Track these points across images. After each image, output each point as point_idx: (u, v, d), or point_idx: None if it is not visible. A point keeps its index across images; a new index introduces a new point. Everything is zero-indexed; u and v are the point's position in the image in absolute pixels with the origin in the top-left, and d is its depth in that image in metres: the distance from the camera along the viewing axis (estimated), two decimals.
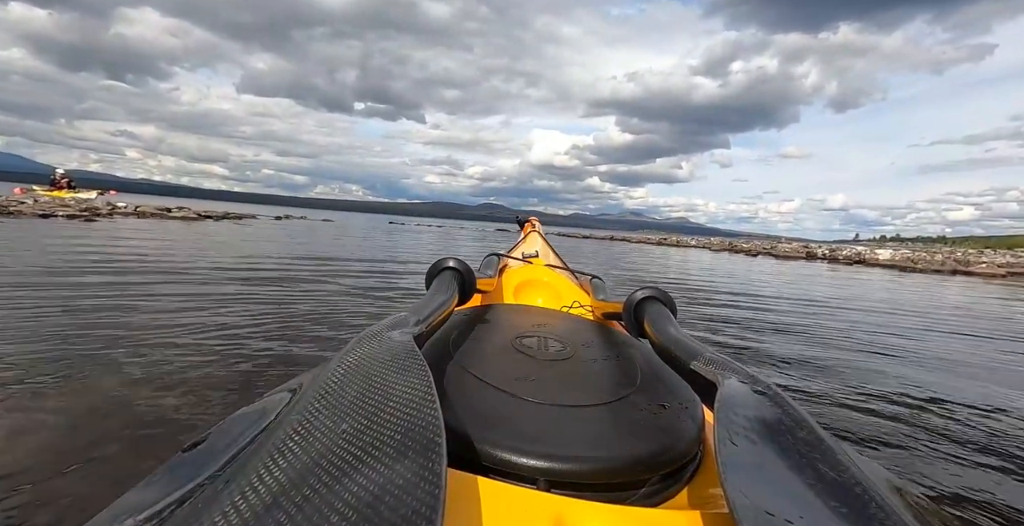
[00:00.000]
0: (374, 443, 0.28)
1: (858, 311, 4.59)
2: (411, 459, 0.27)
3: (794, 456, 0.33)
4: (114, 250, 4.79)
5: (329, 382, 0.37)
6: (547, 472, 0.41)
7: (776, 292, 5.88)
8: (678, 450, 0.47)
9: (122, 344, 1.83)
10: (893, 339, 3.25)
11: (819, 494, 0.29)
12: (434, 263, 0.83)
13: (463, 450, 0.41)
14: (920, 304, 5.58)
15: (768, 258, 16.39)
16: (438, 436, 0.29)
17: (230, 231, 9.00)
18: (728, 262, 12.25)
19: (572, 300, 1.04)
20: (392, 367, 0.40)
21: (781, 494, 0.29)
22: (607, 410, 0.52)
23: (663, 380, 0.62)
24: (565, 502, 0.34)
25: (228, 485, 0.25)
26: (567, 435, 0.46)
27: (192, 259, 4.53)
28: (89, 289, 2.85)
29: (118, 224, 8.10)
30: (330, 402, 0.34)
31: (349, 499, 0.23)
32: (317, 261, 5.34)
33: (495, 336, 0.72)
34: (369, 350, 0.44)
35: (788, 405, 0.40)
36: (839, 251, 19.41)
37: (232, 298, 2.91)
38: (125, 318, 2.23)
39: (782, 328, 3.39)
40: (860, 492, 0.30)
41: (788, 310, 4.30)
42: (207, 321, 2.28)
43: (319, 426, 0.30)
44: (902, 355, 2.76)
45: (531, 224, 2.19)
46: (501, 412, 0.48)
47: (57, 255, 4.06)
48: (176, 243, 6.07)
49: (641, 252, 14.96)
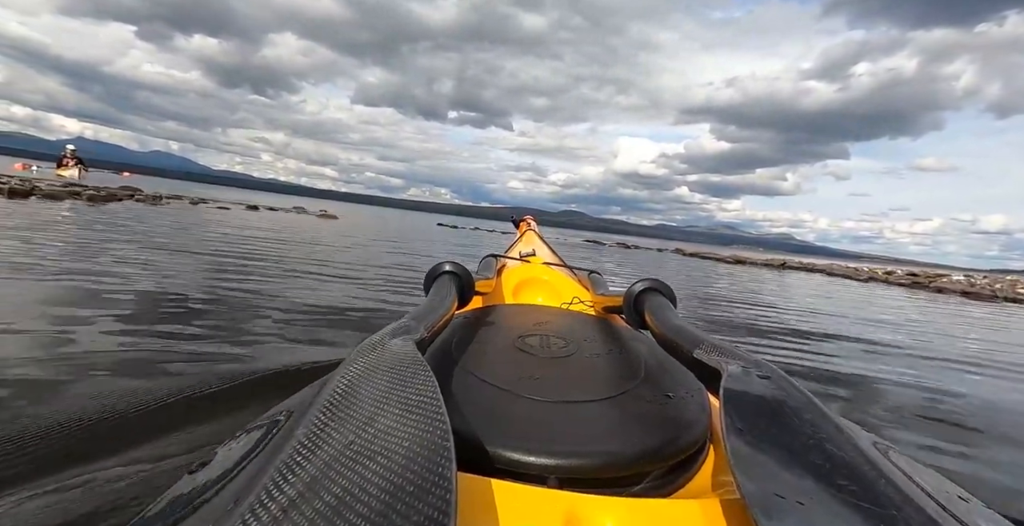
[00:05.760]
0: (383, 452, 0.29)
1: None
2: (421, 465, 0.27)
3: (802, 438, 0.33)
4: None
5: (334, 394, 0.37)
6: (557, 470, 0.41)
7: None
8: (686, 439, 0.47)
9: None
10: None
11: (828, 474, 0.30)
12: (432, 268, 0.82)
13: (472, 453, 0.41)
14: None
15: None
16: (446, 441, 0.29)
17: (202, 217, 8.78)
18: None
19: (572, 296, 1.04)
20: (396, 375, 0.40)
21: (791, 476, 0.29)
22: (613, 404, 0.53)
23: (667, 370, 0.62)
24: (577, 498, 0.34)
25: (238, 504, 0.25)
26: (575, 432, 0.46)
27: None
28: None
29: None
30: (336, 414, 0.34)
31: (361, 509, 0.23)
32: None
33: (497, 337, 0.72)
34: (372, 359, 0.44)
35: (793, 387, 0.41)
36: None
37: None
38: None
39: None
40: (869, 469, 0.30)
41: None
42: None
43: (327, 438, 0.31)
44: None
45: (527, 223, 2.18)
46: (508, 413, 0.49)
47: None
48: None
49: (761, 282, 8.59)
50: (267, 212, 12.05)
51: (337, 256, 4.74)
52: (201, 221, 6.85)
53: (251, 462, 0.35)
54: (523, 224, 2.21)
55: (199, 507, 0.31)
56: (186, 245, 4.03)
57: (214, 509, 0.29)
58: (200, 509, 0.31)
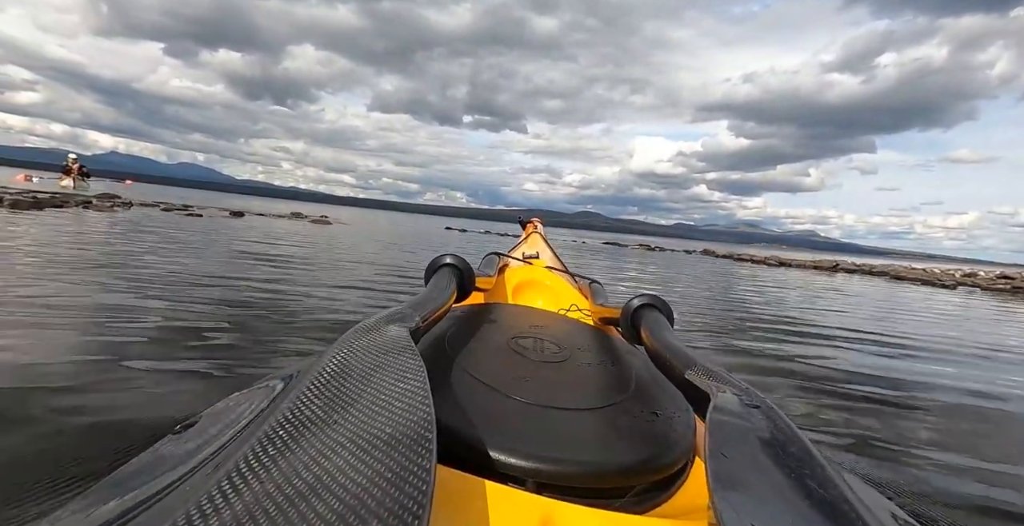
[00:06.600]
0: (364, 435, 0.28)
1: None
2: (401, 453, 0.27)
3: (784, 471, 0.33)
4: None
5: (322, 372, 0.36)
6: (536, 473, 0.41)
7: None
8: (668, 458, 0.47)
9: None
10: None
11: (806, 511, 0.29)
12: (434, 259, 0.81)
13: (454, 447, 0.41)
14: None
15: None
16: (429, 431, 0.29)
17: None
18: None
19: (570, 303, 1.04)
20: (387, 360, 0.39)
21: (768, 509, 0.29)
22: (600, 415, 0.53)
23: (657, 387, 0.62)
24: (552, 504, 0.35)
25: (216, 471, 0.25)
26: (558, 437, 0.46)
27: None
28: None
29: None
30: (322, 392, 0.33)
31: (337, 490, 0.23)
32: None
33: (492, 335, 0.72)
34: (364, 342, 0.43)
35: (781, 420, 0.40)
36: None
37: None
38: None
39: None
40: (847, 510, 0.29)
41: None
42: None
43: (310, 416, 0.30)
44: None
45: (533, 225, 2.14)
46: (494, 411, 0.48)
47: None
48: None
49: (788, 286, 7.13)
50: (255, 218, 10.98)
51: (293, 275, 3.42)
52: (134, 230, 5.67)
53: (234, 431, 0.35)
54: (529, 226, 2.15)
55: (177, 467, 0.31)
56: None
57: (192, 472, 0.30)
58: (178, 469, 0.31)
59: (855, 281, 10.38)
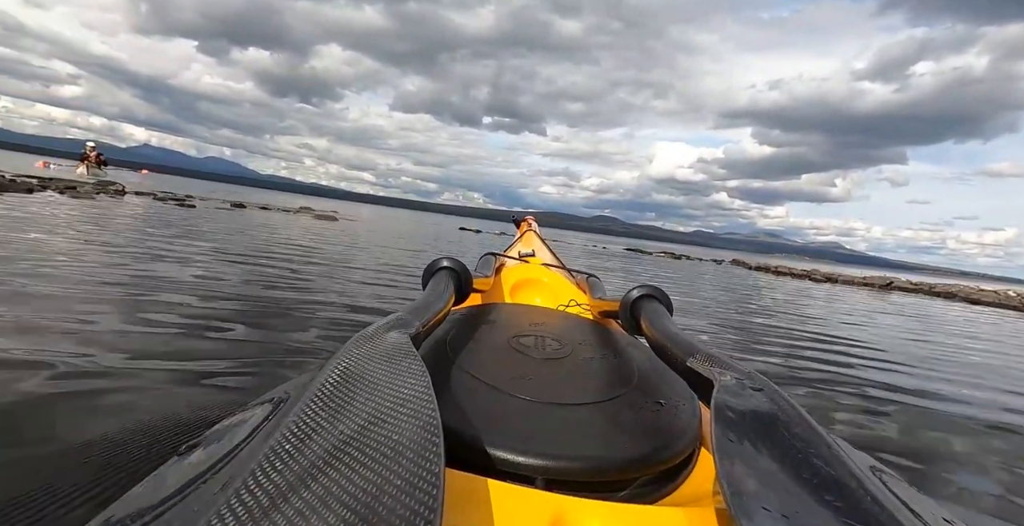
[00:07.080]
0: (372, 444, 0.28)
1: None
2: (409, 459, 0.27)
3: (790, 452, 0.33)
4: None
5: (326, 384, 0.36)
6: (545, 471, 0.41)
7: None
8: (675, 447, 0.47)
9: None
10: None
11: (815, 489, 0.30)
12: (430, 263, 0.81)
13: (461, 450, 0.41)
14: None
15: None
16: (436, 436, 0.29)
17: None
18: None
19: (569, 299, 1.04)
20: (389, 368, 0.40)
21: (777, 490, 0.29)
22: (604, 408, 0.53)
23: (660, 377, 0.62)
24: (563, 500, 0.35)
25: (225, 488, 0.25)
26: (565, 433, 0.46)
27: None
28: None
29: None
30: (327, 404, 0.33)
31: (347, 500, 0.23)
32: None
33: (492, 335, 0.72)
34: (365, 351, 0.43)
35: (784, 401, 0.40)
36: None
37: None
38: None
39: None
40: (856, 487, 0.30)
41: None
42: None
43: (316, 428, 0.30)
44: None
45: (527, 223, 2.12)
46: (499, 411, 0.49)
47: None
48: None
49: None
50: (257, 212, 10.22)
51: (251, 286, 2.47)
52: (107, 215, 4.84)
53: (240, 447, 0.35)
54: (523, 224, 2.12)
55: (184, 489, 0.31)
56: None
57: (200, 492, 0.30)
58: (186, 491, 0.31)
59: (938, 305, 8.95)
